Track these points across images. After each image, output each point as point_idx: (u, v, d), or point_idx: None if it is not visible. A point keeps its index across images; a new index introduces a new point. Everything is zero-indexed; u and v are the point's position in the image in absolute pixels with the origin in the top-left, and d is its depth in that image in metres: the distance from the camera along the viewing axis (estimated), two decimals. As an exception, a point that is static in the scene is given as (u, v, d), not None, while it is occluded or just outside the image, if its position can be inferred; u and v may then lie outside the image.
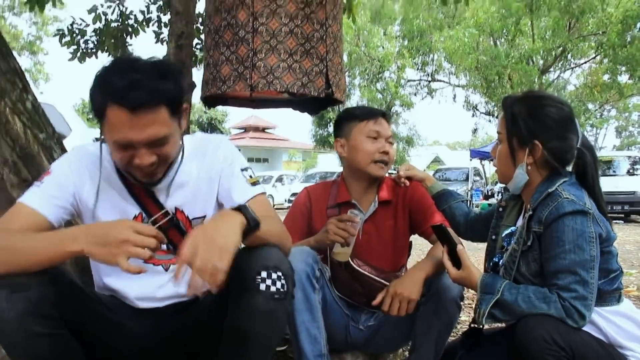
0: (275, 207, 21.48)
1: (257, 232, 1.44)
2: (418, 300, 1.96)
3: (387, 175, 2.33)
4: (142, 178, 1.56)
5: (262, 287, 1.40)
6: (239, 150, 1.79)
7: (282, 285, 1.42)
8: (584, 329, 1.58)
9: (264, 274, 1.40)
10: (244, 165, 1.70)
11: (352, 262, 2.08)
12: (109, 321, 1.55)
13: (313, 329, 1.93)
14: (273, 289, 1.40)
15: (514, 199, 1.90)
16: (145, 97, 1.39)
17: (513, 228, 1.82)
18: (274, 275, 1.41)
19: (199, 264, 1.26)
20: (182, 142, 1.64)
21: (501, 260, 1.82)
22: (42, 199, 1.52)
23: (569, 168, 1.76)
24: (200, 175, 1.67)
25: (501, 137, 1.80)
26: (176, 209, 1.65)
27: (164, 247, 1.65)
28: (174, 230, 1.64)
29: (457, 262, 1.76)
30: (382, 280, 2.06)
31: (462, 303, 2.01)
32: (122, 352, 1.56)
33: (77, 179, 1.59)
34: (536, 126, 1.71)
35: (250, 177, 1.68)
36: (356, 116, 2.24)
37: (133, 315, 1.61)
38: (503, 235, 1.86)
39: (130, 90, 1.38)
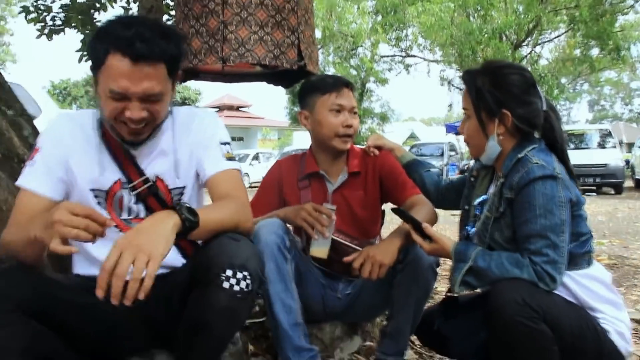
0: (252, 185, 21.49)
1: (206, 226, 1.41)
2: (394, 268, 1.97)
3: (357, 146, 2.33)
4: (127, 135, 1.55)
5: (226, 285, 1.38)
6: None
7: (247, 285, 1.40)
8: (556, 291, 1.60)
9: (229, 272, 1.38)
10: (224, 139, 1.70)
11: None
12: (74, 304, 1.49)
13: (287, 298, 1.93)
14: (236, 288, 1.38)
15: (484, 168, 1.91)
16: (149, 49, 1.43)
17: (485, 196, 1.84)
18: (239, 275, 1.39)
19: (119, 271, 1.21)
20: (171, 110, 1.66)
21: (474, 229, 1.83)
22: (38, 179, 1.56)
23: (537, 134, 1.78)
24: (183, 146, 1.67)
25: (468, 113, 1.80)
26: (157, 177, 1.66)
27: (142, 215, 1.64)
28: (152, 198, 1.64)
29: (427, 238, 1.78)
30: (355, 247, 2.07)
31: (438, 270, 2.03)
32: (91, 334, 1.52)
33: (63, 148, 1.60)
34: (502, 96, 1.72)
35: (228, 152, 1.68)
36: (318, 88, 2.21)
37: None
38: (475, 203, 1.88)
39: (136, 41, 1.41)
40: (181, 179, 1.68)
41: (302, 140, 33.74)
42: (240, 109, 41.83)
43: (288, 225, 2.05)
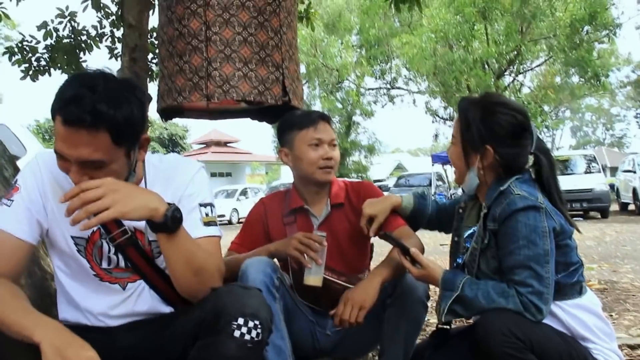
0: (240, 220, 21.38)
1: (180, 238, 1.43)
2: (384, 302, 1.95)
3: (340, 179, 2.33)
4: None
5: (237, 334, 1.36)
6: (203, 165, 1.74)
7: (257, 334, 1.38)
8: (545, 321, 1.60)
9: (240, 320, 1.37)
10: (206, 200, 1.62)
11: None
12: None
13: (277, 339, 1.89)
14: (247, 337, 1.37)
15: (472, 199, 1.92)
16: (79, 115, 1.33)
17: (475, 228, 1.84)
18: (251, 324, 1.38)
19: (84, 196, 1.32)
20: (144, 169, 1.61)
21: (462, 260, 1.83)
22: (15, 220, 1.50)
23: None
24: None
25: (454, 141, 1.82)
26: (135, 229, 1.60)
27: (122, 264, 1.61)
28: (132, 249, 1.59)
29: (415, 264, 1.77)
30: (344, 283, 2.05)
31: (428, 303, 2.01)
32: None
33: (42, 189, 1.56)
34: (487, 133, 1.73)
35: (207, 215, 1.60)
36: (295, 124, 2.21)
37: (85, 337, 1.54)
38: (465, 236, 1.88)
39: (70, 104, 1.34)
40: None
41: (290, 174, 33.77)
42: (227, 144, 41.89)
43: (276, 261, 2.03)
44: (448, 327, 1.92)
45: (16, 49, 5.07)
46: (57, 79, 5.29)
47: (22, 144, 6.53)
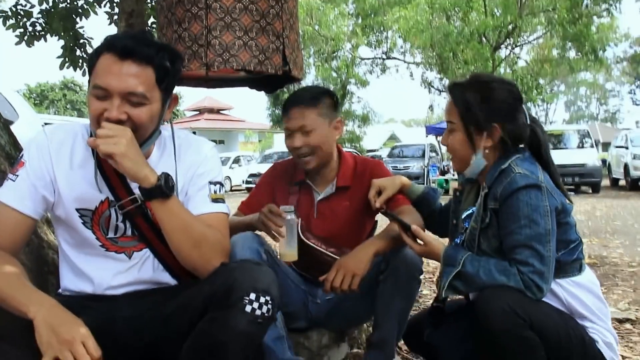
0: (232, 188, 21.38)
1: (172, 207, 1.48)
2: (376, 278, 1.96)
3: (350, 155, 2.31)
4: None
5: (248, 308, 1.37)
6: (194, 134, 1.75)
7: (268, 310, 1.39)
8: (545, 299, 1.61)
9: (252, 295, 1.38)
10: (216, 178, 1.67)
11: (301, 235, 2.06)
12: None
13: None
14: (258, 312, 1.38)
15: (469, 182, 1.92)
16: (137, 47, 1.46)
17: (473, 208, 1.84)
18: (262, 299, 1.38)
19: (102, 132, 1.43)
20: (170, 131, 1.64)
21: (461, 240, 1.84)
22: (19, 195, 1.52)
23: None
24: (175, 172, 1.61)
25: (455, 126, 1.79)
26: None
27: (129, 232, 1.62)
28: (141, 217, 1.60)
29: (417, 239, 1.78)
30: (331, 254, 2.05)
31: (422, 277, 2.02)
32: None
33: (49, 163, 1.56)
34: (493, 110, 1.72)
35: (215, 192, 1.64)
36: (283, 111, 2.21)
37: (86, 306, 1.55)
38: (463, 217, 1.88)
39: (126, 39, 1.48)
40: None
41: (283, 143, 33.68)
42: (221, 111, 41.64)
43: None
44: (442, 304, 1.94)
45: (10, 13, 4.96)
46: (52, 44, 5.18)
47: (14, 108, 6.44)
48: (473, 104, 1.73)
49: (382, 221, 2.12)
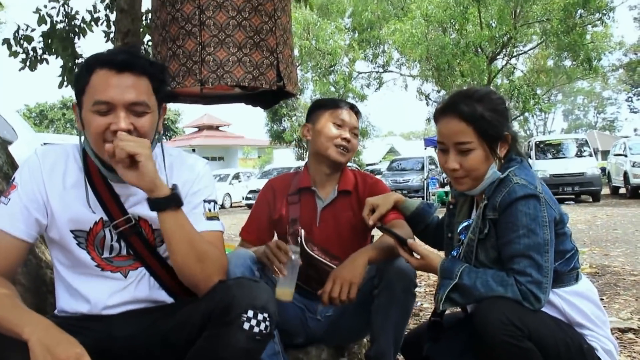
0: (233, 204, 21.38)
1: (179, 221, 1.49)
2: (371, 292, 1.96)
3: (350, 169, 2.35)
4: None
5: (246, 326, 1.38)
6: (194, 151, 1.76)
7: (266, 327, 1.41)
8: (543, 309, 1.60)
9: (250, 313, 1.39)
10: (210, 196, 1.67)
11: (305, 246, 2.07)
12: None
13: None
14: (256, 329, 1.39)
15: (462, 195, 1.91)
16: (132, 60, 1.50)
17: (469, 221, 1.83)
18: (260, 316, 1.40)
19: (119, 141, 1.44)
20: (161, 147, 1.65)
21: (457, 253, 1.83)
22: (11, 219, 1.51)
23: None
24: None
25: (472, 145, 1.71)
26: (140, 217, 1.61)
27: (124, 252, 1.61)
28: (135, 237, 1.60)
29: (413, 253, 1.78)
30: (334, 266, 2.05)
31: (421, 290, 2.02)
32: None
33: (42, 185, 1.55)
34: (503, 120, 1.74)
35: (210, 210, 1.65)
36: (327, 105, 2.30)
37: (82, 327, 1.54)
38: (458, 230, 1.88)
39: (119, 54, 1.52)
40: None
41: (282, 158, 33.73)
42: (219, 128, 41.79)
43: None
44: (440, 318, 1.92)
45: (13, 41, 5.03)
46: (53, 65, 5.22)
47: (14, 129, 6.46)
48: (488, 117, 1.71)
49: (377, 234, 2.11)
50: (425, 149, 19.00)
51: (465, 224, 1.85)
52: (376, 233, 2.24)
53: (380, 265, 1.98)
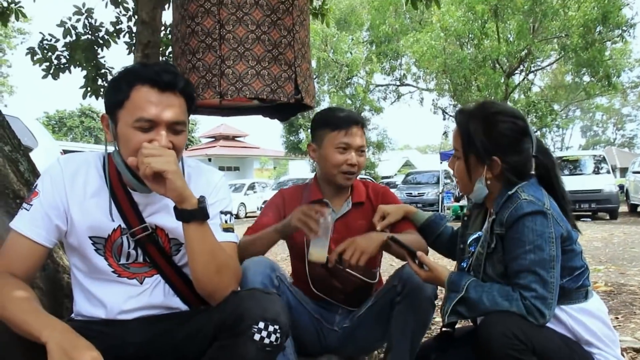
0: (247, 215, 21.41)
1: (204, 232, 1.51)
2: (392, 300, 1.98)
3: (362, 180, 2.38)
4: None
5: (257, 337, 1.41)
6: (209, 160, 1.79)
7: (277, 338, 1.43)
8: (549, 325, 1.62)
9: (261, 324, 1.42)
10: (226, 208, 1.72)
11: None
12: None
13: None
14: (267, 341, 1.42)
15: (477, 207, 1.94)
16: (175, 80, 1.55)
17: (479, 233, 1.86)
18: (271, 328, 1.43)
19: (146, 151, 1.48)
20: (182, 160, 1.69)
21: (467, 264, 1.85)
22: (33, 224, 1.56)
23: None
24: None
25: (458, 154, 1.83)
26: (157, 226, 1.65)
27: (140, 259, 1.65)
28: (152, 245, 1.65)
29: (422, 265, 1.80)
30: (360, 276, 2.08)
31: (435, 302, 2.03)
32: None
33: (63, 193, 1.60)
34: (493, 144, 1.74)
35: (226, 222, 1.69)
36: (329, 124, 2.25)
37: (98, 331, 1.58)
38: (469, 241, 1.90)
39: (163, 73, 1.54)
40: (181, 233, 1.62)
41: (298, 169, 33.77)
42: (236, 138, 41.98)
43: (277, 259, 2.05)
44: (452, 329, 1.94)
45: (37, 49, 5.13)
46: (75, 75, 5.33)
47: (34, 136, 6.58)
48: (474, 135, 1.75)
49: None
50: (440, 162, 18.96)
51: (475, 235, 1.88)
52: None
53: (404, 275, 2.01)
